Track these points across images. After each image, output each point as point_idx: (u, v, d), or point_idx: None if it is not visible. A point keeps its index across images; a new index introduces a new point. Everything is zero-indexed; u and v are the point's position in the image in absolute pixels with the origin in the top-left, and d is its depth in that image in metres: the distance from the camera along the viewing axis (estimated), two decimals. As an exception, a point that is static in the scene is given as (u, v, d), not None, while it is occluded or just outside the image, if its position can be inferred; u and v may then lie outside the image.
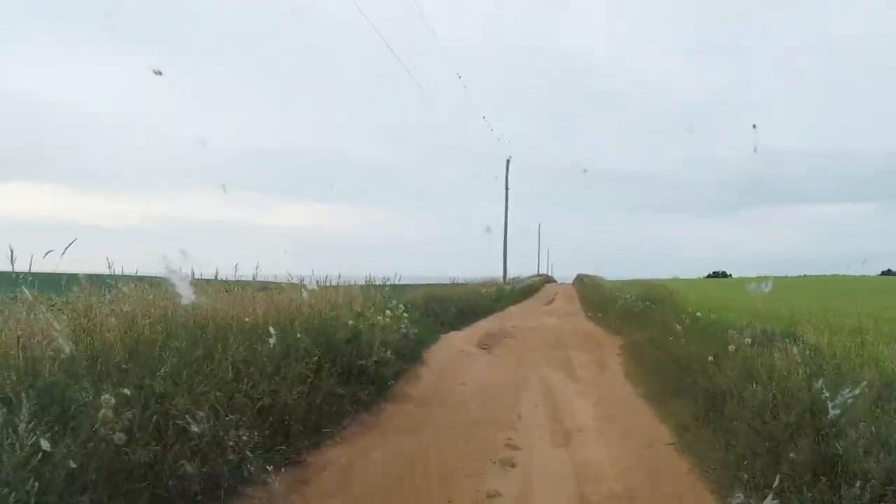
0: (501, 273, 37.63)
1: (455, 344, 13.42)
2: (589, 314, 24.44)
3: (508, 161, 37.58)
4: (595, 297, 28.96)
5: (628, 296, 22.13)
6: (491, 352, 13.25)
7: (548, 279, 75.51)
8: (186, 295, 4.70)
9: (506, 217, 37.21)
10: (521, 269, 69.58)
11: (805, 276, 50.84)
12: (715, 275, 79.49)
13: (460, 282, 36.14)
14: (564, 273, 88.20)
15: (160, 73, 5.81)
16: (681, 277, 60.21)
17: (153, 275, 5.91)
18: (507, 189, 37.52)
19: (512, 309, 27.25)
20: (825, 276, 48.65)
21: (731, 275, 76.41)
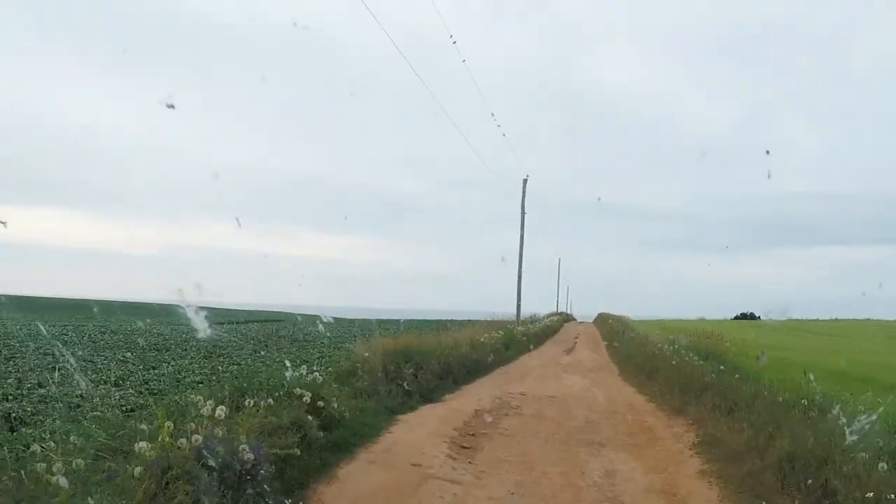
0: (516, 310, 31.92)
1: (413, 441, 7.79)
2: (623, 370, 18.64)
3: (525, 181, 32.21)
4: (630, 346, 23.06)
5: (684, 351, 16.33)
6: (475, 457, 7.59)
7: (567, 318, 69.35)
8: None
9: (521, 245, 31.75)
10: (539, 306, 63.96)
11: (836, 319, 47.37)
12: (743, 316, 74.49)
13: (472, 318, 30.99)
14: (583, 311, 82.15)
15: (172, 107, 5.71)
16: (707, 318, 51.47)
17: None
18: (523, 213, 32.12)
19: (524, 359, 21.52)
20: (858, 319, 45.29)
21: (759, 317, 71.33)
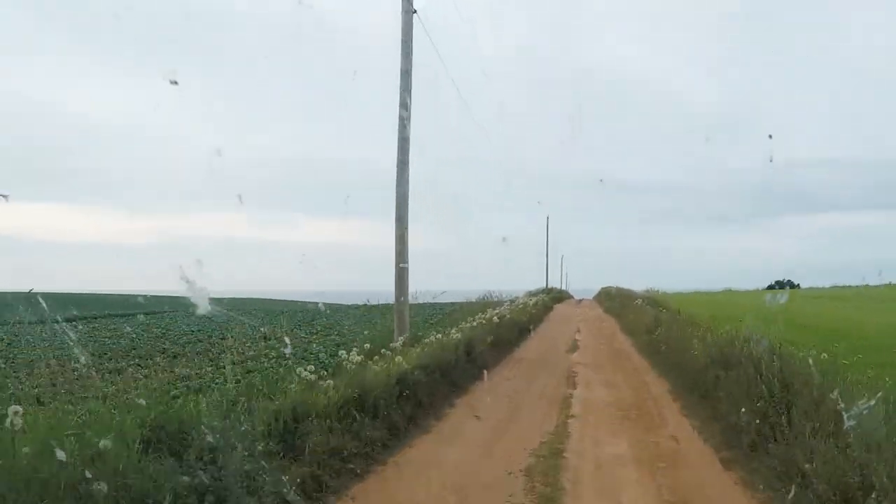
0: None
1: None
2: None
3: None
4: None
5: None
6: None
7: (560, 296, 48.38)
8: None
9: (404, 90, 11.07)
10: (526, 282, 43.45)
11: (892, 284, 37.61)
12: (779, 284, 55.66)
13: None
14: (580, 286, 63.03)
15: (176, 83, 5.02)
16: (735, 289, 39.84)
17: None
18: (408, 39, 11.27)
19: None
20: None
21: (798, 285, 52.87)
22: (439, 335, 10.19)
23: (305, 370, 6.26)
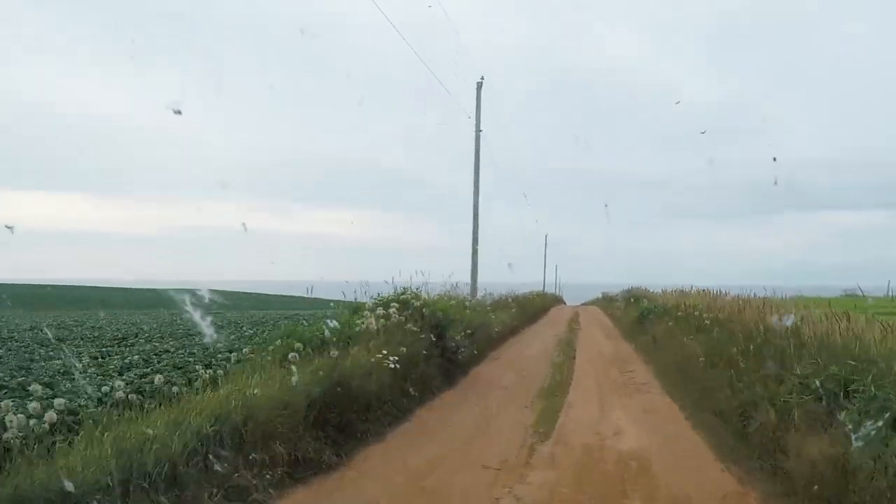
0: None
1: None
2: None
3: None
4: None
5: None
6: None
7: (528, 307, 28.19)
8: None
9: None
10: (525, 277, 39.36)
11: None
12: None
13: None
14: (574, 282, 60.32)
15: (179, 112, 6.03)
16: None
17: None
18: None
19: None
20: None
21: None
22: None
23: None
